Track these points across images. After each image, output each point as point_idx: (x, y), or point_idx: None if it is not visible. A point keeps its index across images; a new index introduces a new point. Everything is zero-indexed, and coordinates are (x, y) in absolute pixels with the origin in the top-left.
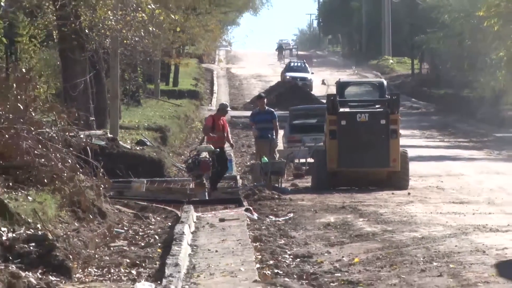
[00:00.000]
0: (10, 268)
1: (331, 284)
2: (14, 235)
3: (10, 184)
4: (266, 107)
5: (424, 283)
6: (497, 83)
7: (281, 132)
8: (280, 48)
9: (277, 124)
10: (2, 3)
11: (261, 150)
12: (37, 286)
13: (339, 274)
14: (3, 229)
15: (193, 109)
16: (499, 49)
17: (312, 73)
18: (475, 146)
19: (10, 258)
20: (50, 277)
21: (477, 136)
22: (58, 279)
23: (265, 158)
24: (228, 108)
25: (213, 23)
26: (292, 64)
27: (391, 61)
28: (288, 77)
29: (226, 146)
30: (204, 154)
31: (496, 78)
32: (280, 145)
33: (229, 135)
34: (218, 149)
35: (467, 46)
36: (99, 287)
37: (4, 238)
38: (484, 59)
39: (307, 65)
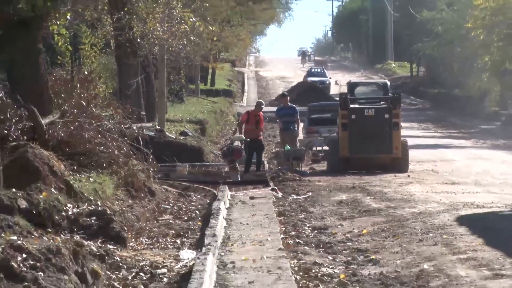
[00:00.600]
0: (75, 238)
1: (344, 251)
2: (78, 210)
3: (75, 167)
4: (289, 104)
5: (421, 251)
6: (482, 84)
7: (301, 125)
8: (304, 54)
9: (298, 117)
10: (68, 17)
11: (285, 140)
12: (97, 253)
13: (350, 243)
14: (69, 205)
15: (227, 105)
16: (484, 55)
17: (330, 77)
18: (464, 136)
19: (75, 229)
20: (108, 245)
21: (465, 128)
22: (115, 247)
23: (288, 146)
24: (263, 106)
25: (244, 34)
26: (313, 70)
27: (393, 65)
28: (309, 81)
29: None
30: (237, 143)
31: (482, 79)
32: (300, 135)
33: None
34: (248, 139)
35: (457, 53)
36: (149, 254)
37: (70, 212)
38: (471, 64)
39: (325, 71)
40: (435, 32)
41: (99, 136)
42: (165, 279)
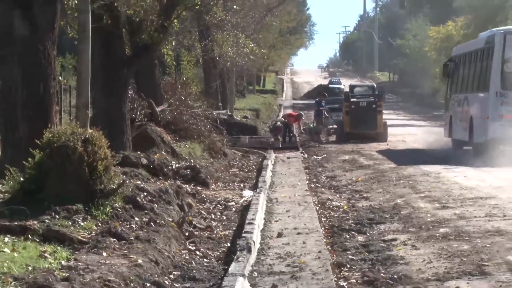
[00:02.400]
0: (176, 182)
1: (346, 192)
2: (178, 165)
3: (177, 138)
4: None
5: (395, 191)
6: (435, 85)
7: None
8: (328, 67)
9: (327, 108)
10: (173, 43)
11: (317, 121)
12: (191, 192)
13: (350, 187)
14: (173, 162)
15: (273, 99)
16: (435, 67)
17: (344, 85)
18: (422, 119)
19: (176, 177)
20: (198, 187)
21: (423, 114)
22: (201, 188)
23: (311, 125)
24: (303, 118)
25: (283, 54)
26: (333, 80)
27: (378, 74)
28: (330, 86)
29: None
30: (279, 123)
31: (435, 83)
32: None
33: (300, 126)
34: (287, 120)
35: (419, 66)
36: (223, 193)
37: (173, 167)
38: (428, 73)
39: (340, 80)
40: (405, 53)
41: (192, 119)
42: (233, 209)
